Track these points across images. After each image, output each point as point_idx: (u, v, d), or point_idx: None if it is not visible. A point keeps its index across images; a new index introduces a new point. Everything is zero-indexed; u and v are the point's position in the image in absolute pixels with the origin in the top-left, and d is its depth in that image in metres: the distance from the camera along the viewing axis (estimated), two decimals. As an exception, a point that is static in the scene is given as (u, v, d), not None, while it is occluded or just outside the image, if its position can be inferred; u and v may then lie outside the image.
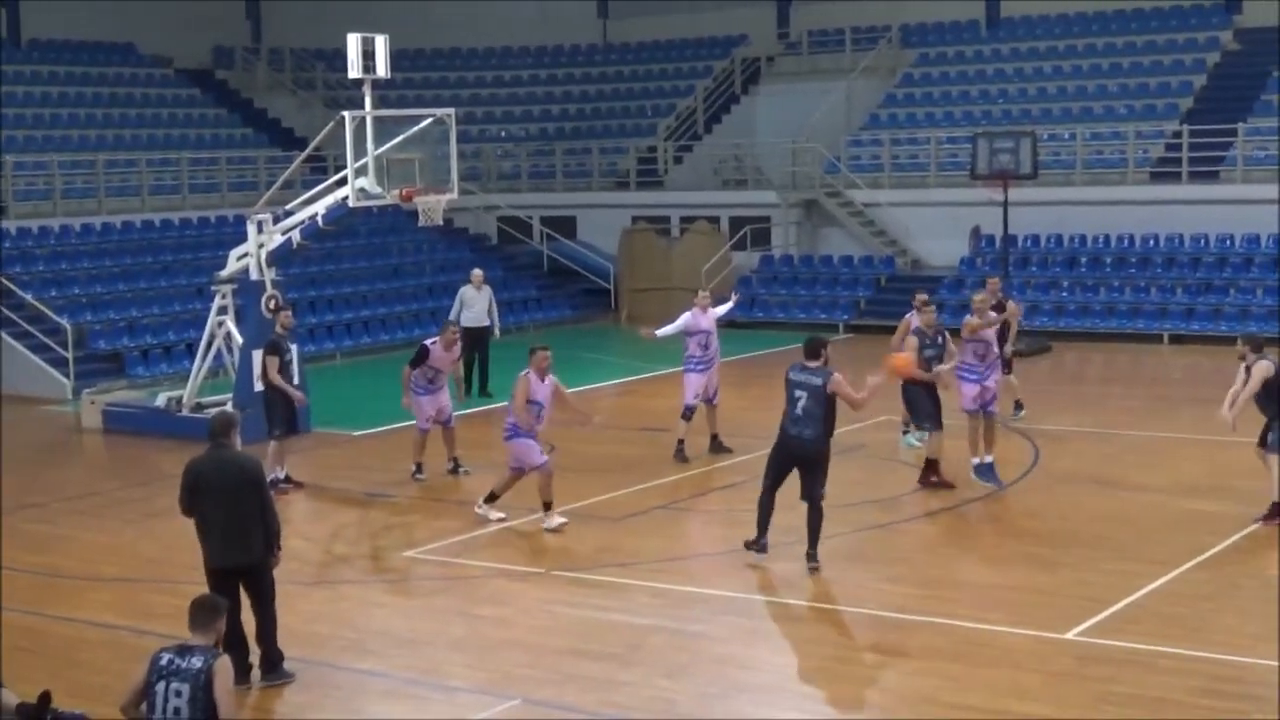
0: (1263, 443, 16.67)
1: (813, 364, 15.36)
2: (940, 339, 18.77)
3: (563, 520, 17.19)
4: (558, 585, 15.21)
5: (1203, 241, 32.85)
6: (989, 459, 18.47)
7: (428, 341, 19.95)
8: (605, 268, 37.94)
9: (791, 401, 15.30)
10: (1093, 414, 23.80)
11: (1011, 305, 22.81)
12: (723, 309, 22.18)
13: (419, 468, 19.98)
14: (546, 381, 17.25)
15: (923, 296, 21.69)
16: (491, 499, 17.61)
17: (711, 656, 13.19)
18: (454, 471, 20.20)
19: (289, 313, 20.45)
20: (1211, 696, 11.73)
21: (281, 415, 19.31)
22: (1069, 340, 31.54)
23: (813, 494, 15.38)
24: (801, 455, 15.33)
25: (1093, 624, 13.40)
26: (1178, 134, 34.46)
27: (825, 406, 15.17)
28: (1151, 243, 33.45)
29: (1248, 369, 16.58)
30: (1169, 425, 21.75)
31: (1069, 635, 13.13)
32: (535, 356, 17.27)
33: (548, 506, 17.25)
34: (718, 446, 20.90)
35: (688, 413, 20.69)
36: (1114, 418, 23.42)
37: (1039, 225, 34.23)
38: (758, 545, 15.66)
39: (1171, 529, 16.75)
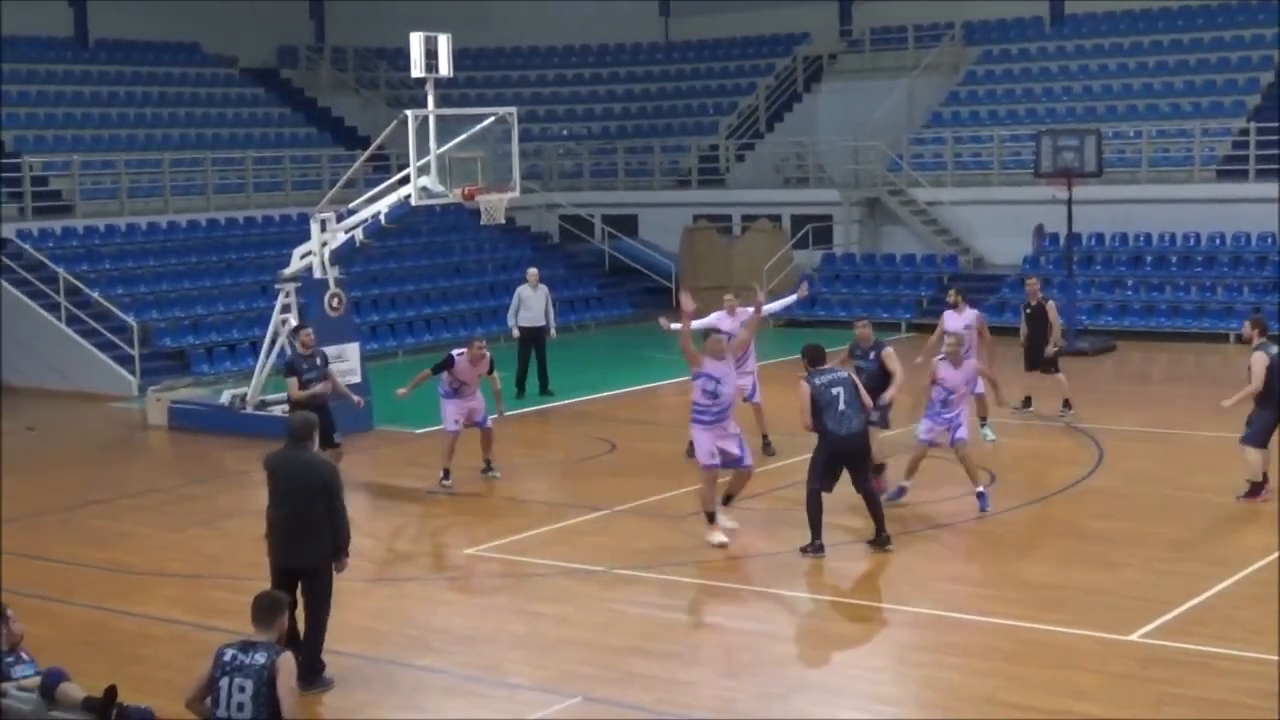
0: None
1: (824, 366, 15.81)
2: (873, 355, 18.19)
3: (723, 539, 16.18)
4: (618, 584, 15.22)
5: (1270, 240, 32.52)
6: (979, 488, 17.42)
7: (455, 352, 19.57)
8: (667, 266, 37.92)
9: (831, 402, 15.53)
10: (1157, 414, 23.65)
11: (1050, 306, 22.82)
12: (776, 305, 21.93)
13: (446, 474, 19.40)
14: (724, 361, 16.12)
15: (954, 292, 21.71)
16: (711, 518, 16.39)
17: (772, 656, 13.18)
18: (485, 472, 19.89)
19: (309, 331, 19.81)
20: (1275, 699, 11.60)
21: None
22: (1133, 339, 31.31)
23: (866, 486, 15.81)
24: (853, 450, 15.64)
25: (1155, 625, 13.31)
26: (1244, 131, 34.15)
27: (858, 393, 15.70)
28: (1217, 241, 33.17)
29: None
30: (1234, 426, 21.47)
31: (1132, 637, 13.05)
32: (708, 341, 16.40)
33: (710, 518, 16.32)
34: (766, 446, 20.68)
35: None
36: (1179, 418, 23.25)
37: (1103, 224, 34.00)
38: (814, 547, 15.71)
39: (1236, 530, 16.63)
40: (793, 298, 22.89)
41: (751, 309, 21.35)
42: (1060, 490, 18.56)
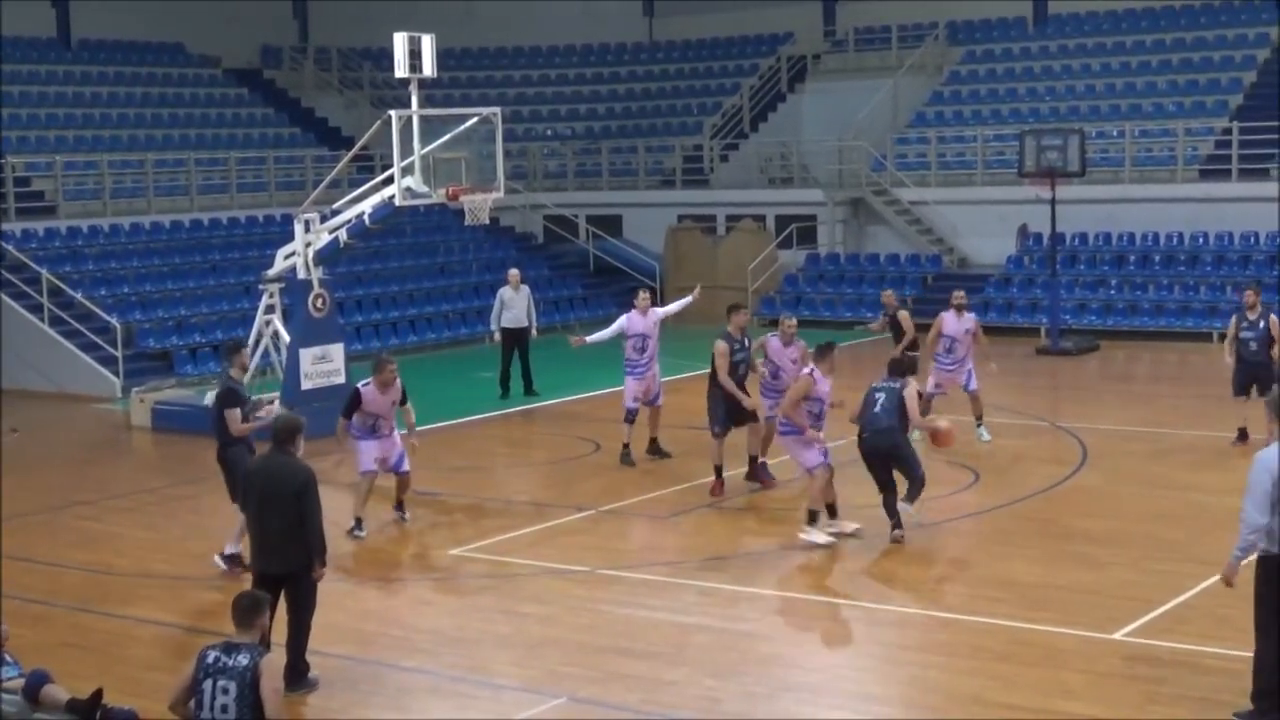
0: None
1: (882, 381, 16.25)
2: (746, 342, 18.56)
3: (829, 540, 16.07)
4: (603, 584, 15.21)
5: (1252, 239, 32.61)
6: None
7: (360, 384, 17.58)
8: (651, 266, 37.88)
9: (869, 404, 16.13)
10: (1141, 413, 23.69)
11: (904, 315, 22.09)
12: (672, 308, 21.66)
13: (358, 523, 17.23)
14: (828, 379, 16.34)
15: (960, 294, 21.51)
16: (811, 519, 16.18)
17: (758, 656, 13.17)
18: (397, 510, 17.92)
19: (247, 352, 18.17)
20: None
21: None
22: (1117, 339, 31.38)
23: (911, 476, 16.09)
24: (872, 449, 16.03)
25: (1141, 624, 13.34)
26: (1227, 131, 34.21)
27: (897, 404, 16.03)
28: (1201, 241, 33.24)
29: (1259, 319, 19.88)
30: (1218, 424, 21.57)
31: (1117, 635, 13.07)
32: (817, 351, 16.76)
33: (812, 517, 16.14)
34: (655, 450, 20.70)
35: (629, 415, 20.55)
36: (1163, 417, 23.30)
37: (1087, 223, 34.08)
38: (894, 532, 16.12)
39: (1221, 529, 16.54)
40: (688, 299, 22.19)
41: (662, 309, 21.33)
42: (1045, 489, 18.58)
